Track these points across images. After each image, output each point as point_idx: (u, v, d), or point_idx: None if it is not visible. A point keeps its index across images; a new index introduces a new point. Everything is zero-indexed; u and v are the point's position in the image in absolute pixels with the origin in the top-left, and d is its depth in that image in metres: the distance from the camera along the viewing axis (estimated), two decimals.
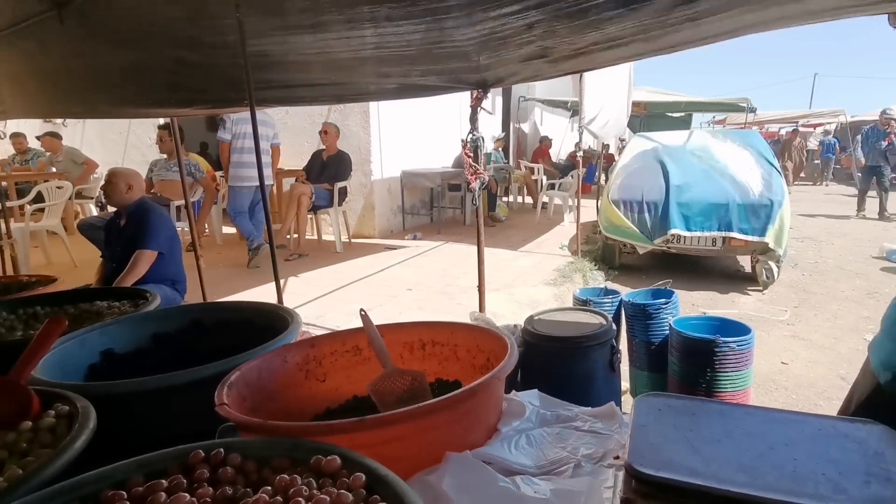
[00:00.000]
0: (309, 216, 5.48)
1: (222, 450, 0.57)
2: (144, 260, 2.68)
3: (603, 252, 5.59)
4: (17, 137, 6.39)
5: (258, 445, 0.58)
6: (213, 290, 3.68)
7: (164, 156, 5.04)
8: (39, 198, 4.85)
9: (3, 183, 5.03)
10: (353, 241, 6.01)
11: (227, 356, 0.90)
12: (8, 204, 4.41)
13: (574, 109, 10.44)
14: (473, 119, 2.13)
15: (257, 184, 4.95)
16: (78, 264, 4.65)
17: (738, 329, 2.01)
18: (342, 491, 0.47)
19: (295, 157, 6.46)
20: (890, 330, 0.91)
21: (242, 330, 1.21)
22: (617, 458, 0.75)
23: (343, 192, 5.57)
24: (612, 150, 11.17)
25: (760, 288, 4.68)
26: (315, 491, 0.48)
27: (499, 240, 6.41)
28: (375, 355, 0.97)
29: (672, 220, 4.73)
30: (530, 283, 4.48)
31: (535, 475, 0.72)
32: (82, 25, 2.11)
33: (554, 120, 13.23)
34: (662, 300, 2.26)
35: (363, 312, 1.03)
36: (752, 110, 13.12)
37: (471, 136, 2.16)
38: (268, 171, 5.04)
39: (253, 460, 0.56)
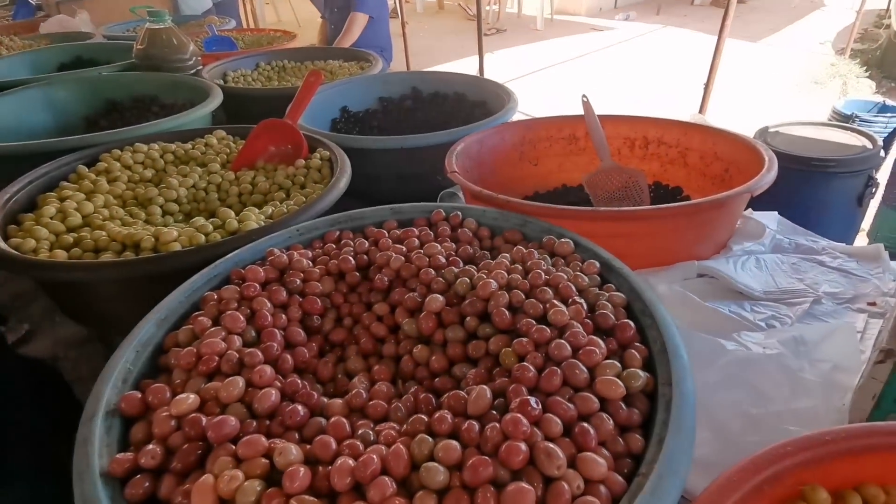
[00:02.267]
0: None
1: (460, 213, 0.61)
2: (358, 23, 2.76)
3: (884, 55, 4.19)
4: None
5: (491, 215, 0.61)
6: (415, 62, 3.75)
7: None
8: None
9: None
10: (555, 17, 5.39)
11: (444, 128, 0.92)
12: None
13: None
14: None
15: None
16: (301, 24, 5.05)
17: None
18: (579, 273, 0.48)
19: None
20: None
21: (455, 103, 1.23)
22: (873, 304, 0.65)
23: None
24: None
25: None
26: (552, 268, 0.49)
27: (736, 27, 5.13)
28: (593, 147, 0.92)
29: None
30: (769, 85, 3.68)
31: (759, 299, 0.67)
32: None
33: None
34: None
35: (585, 99, 0.95)
36: None
37: None
38: None
39: (487, 228, 0.60)
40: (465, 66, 3.56)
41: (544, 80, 3.83)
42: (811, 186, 1.54)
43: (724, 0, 5.70)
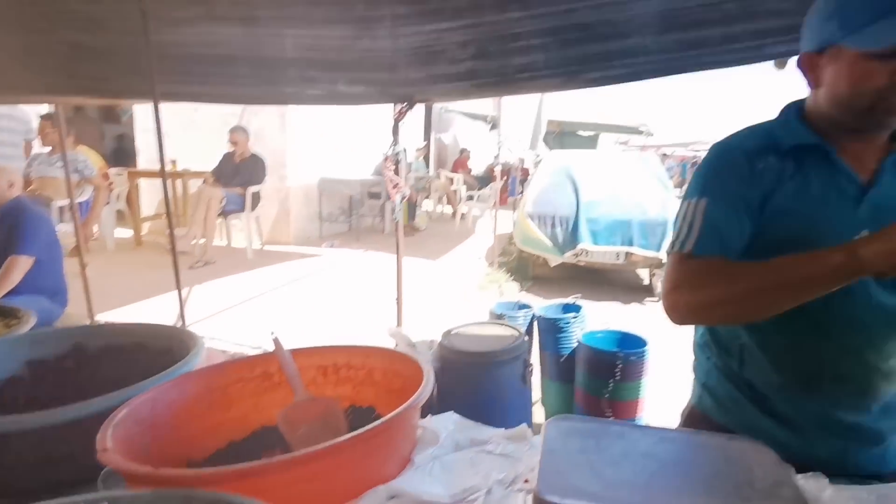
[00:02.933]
0: (218, 221, 5.16)
1: None
2: (19, 267, 2.38)
3: (518, 264, 5.80)
4: None
5: (147, 499, 0.53)
6: (103, 302, 3.33)
7: (48, 149, 4.51)
8: None
9: None
10: (266, 248, 5.74)
11: (118, 386, 0.82)
12: None
13: (493, 123, 10.78)
14: (396, 132, 2.13)
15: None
16: None
17: (636, 342, 2.17)
18: None
19: (204, 157, 6.07)
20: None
21: (135, 355, 1.11)
22: (526, 481, 0.78)
23: (256, 197, 5.32)
24: (527, 165, 11.67)
25: (656, 299, 5.09)
26: None
27: (417, 250, 6.43)
28: (287, 381, 0.93)
29: (581, 234, 5.02)
30: (448, 294, 4.54)
31: None
32: None
33: (474, 131, 13.56)
34: (572, 314, 2.39)
35: (274, 336, 0.99)
36: (651, 134, 14.37)
37: (392, 149, 2.15)
38: (21, 164, 4.41)
39: None
40: (165, 302, 3.35)
41: (256, 308, 3.87)
42: (488, 374, 1.86)
43: (407, 230, 7.05)
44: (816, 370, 0.85)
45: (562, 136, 14.14)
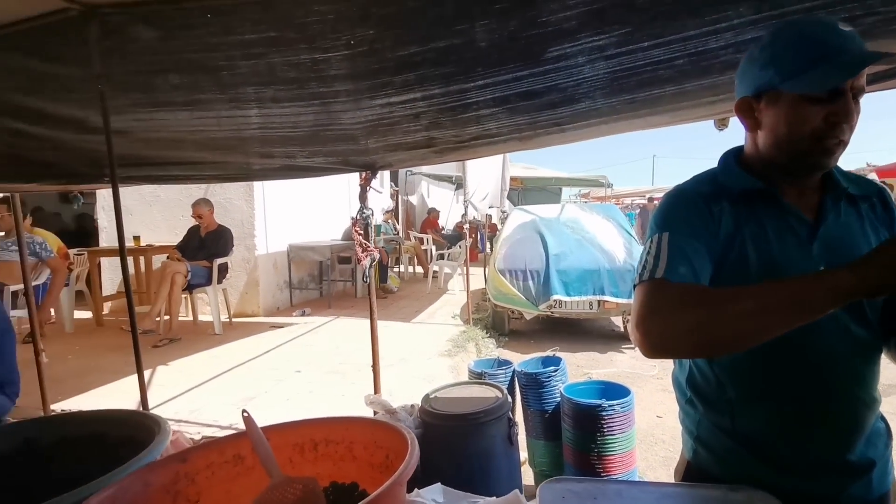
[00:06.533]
0: (183, 296, 5.01)
1: None
2: None
3: (493, 319, 5.77)
4: None
5: None
6: (59, 389, 3.13)
7: (2, 233, 4.36)
8: None
9: None
10: (234, 321, 5.56)
11: (73, 485, 0.75)
12: None
13: (458, 183, 11.08)
14: (363, 198, 2.15)
15: None
16: None
17: (619, 391, 2.14)
18: None
19: (169, 231, 5.98)
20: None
21: (93, 447, 1.03)
22: None
23: (223, 269, 5.21)
24: (494, 221, 11.92)
25: (633, 346, 5.11)
26: None
27: (391, 311, 6.35)
28: (261, 463, 0.87)
29: (553, 286, 5.07)
30: (425, 355, 4.44)
31: None
32: None
33: (440, 192, 13.88)
34: (552, 368, 2.36)
35: (246, 415, 0.93)
36: (610, 186, 15.02)
37: (360, 214, 2.16)
38: None
39: None
40: (128, 385, 3.16)
41: (226, 383, 3.69)
42: (472, 436, 1.80)
43: (379, 293, 6.96)
44: (808, 410, 0.84)
45: (525, 192, 14.62)
